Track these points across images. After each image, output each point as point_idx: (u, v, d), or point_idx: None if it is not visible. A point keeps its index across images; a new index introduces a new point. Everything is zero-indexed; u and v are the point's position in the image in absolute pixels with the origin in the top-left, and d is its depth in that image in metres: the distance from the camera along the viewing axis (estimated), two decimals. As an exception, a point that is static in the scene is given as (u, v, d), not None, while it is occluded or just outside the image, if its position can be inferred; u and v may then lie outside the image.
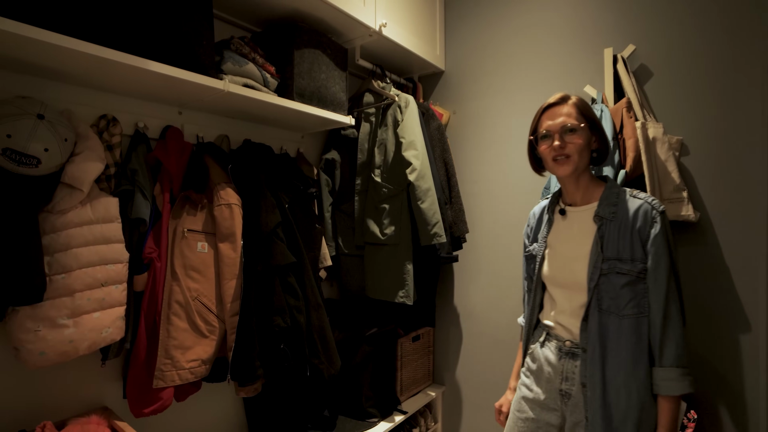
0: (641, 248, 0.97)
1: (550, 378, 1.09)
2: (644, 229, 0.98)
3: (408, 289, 1.58)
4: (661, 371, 0.95)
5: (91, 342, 1.00)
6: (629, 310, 0.97)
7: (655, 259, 0.96)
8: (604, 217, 1.02)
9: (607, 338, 0.99)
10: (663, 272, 0.96)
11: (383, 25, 1.60)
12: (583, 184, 1.08)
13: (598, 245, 1.00)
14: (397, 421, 1.70)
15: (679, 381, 0.94)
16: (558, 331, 1.09)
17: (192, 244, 1.23)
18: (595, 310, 1.00)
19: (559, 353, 1.07)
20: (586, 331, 1.01)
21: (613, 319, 0.98)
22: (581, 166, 1.04)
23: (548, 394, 1.09)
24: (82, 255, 1.00)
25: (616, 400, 0.97)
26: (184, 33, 1.10)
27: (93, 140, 1.05)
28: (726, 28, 1.34)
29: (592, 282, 1.00)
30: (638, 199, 1.01)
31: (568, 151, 1.01)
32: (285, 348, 1.28)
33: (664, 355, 0.95)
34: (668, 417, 0.95)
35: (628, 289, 0.97)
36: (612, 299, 0.98)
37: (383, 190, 1.62)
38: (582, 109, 1.03)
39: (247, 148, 1.46)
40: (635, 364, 0.96)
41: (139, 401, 1.12)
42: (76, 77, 1.06)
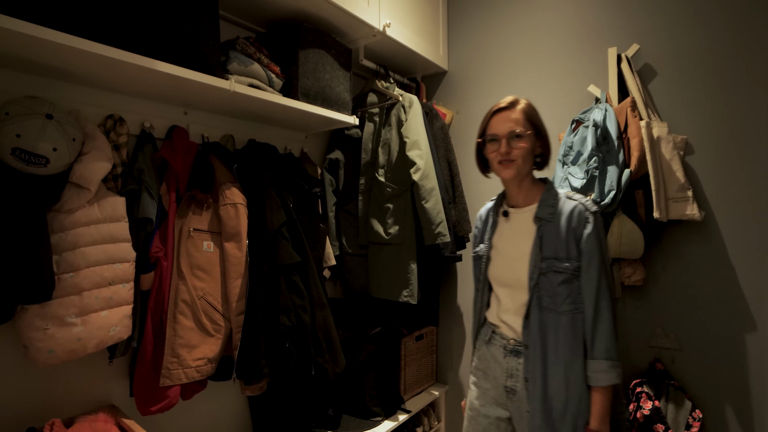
0: (576, 247, 1.03)
1: (496, 375, 1.14)
2: (578, 229, 1.03)
3: (412, 288, 1.59)
4: (592, 363, 1.01)
5: (99, 340, 1.01)
6: (566, 306, 1.02)
7: (587, 258, 1.02)
8: (543, 218, 1.07)
9: (547, 334, 1.04)
10: (594, 270, 1.01)
11: (387, 25, 1.61)
12: (525, 187, 1.12)
13: (538, 245, 1.06)
14: (401, 420, 1.71)
15: (607, 372, 0.99)
16: (503, 330, 1.14)
17: (198, 244, 1.24)
18: (535, 308, 1.05)
19: (504, 351, 1.12)
20: (527, 328, 1.06)
21: (552, 316, 1.03)
22: (524, 170, 1.08)
23: (496, 391, 1.14)
24: (90, 254, 1.01)
25: (556, 393, 1.02)
26: (190, 33, 1.10)
27: (100, 140, 1.05)
28: (731, 27, 1.34)
29: (532, 281, 1.05)
30: (573, 200, 1.07)
31: (513, 156, 1.06)
32: (290, 347, 1.28)
33: (595, 348, 1.01)
34: (599, 406, 1.00)
35: (565, 286, 1.02)
36: (550, 297, 1.03)
37: (387, 190, 1.63)
38: (529, 116, 1.07)
39: (252, 147, 1.47)
40: (573, 358, 1.02)
41: (146, 399, 1.13)
42: (84, 77, 1.07)
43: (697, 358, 1.40)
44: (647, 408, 1.35)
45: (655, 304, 1.48)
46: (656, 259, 1.47)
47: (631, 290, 1.52)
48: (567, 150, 1.52)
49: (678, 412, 1.36)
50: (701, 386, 1.39)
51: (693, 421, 1.33)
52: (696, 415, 1.33)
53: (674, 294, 1.44)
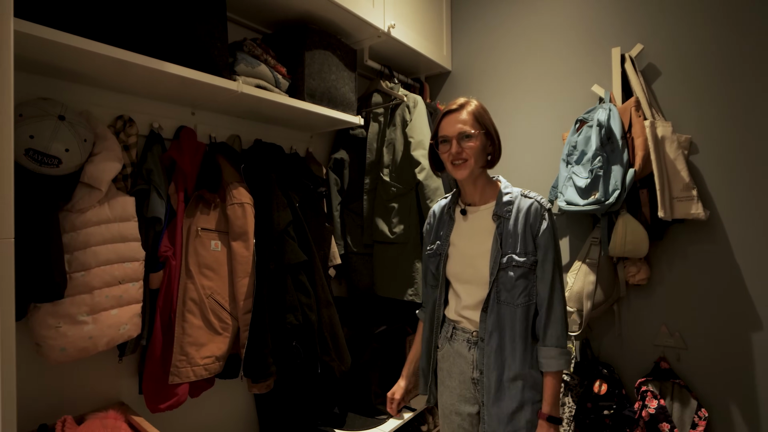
0: (533, 242, 1.08)
1: (462, 370, 1.16)
2: (534, 225, 1.08)
3: (417, 287, 1.59)
4: (544, 350, 1.06)
5: (109, 338, 1.02)
6: (521, 299, 1.07)
7: (543, 252, 1.07)
8: (502, 216, 1.11)
9: (504, 327, 1.08)
10: (549, 264, 1.07)
11: (392, 27, 1.62)
12: (480, 185, 1.16)
13: (498, 242, 1.09)
14: (406, 418, 1.71)
15: (558, 359, 1.05)
16: (464, 325, 1.17)
17: (206, 243, 1.25)
18: (494, 302, 1.09)
19: (468, 344, 1.15)
20: (485, 321, 1.10)
21: (509, 309, 1.08)
22: (477, 169, 1.12)
23: (463, 386, 1.16)
24: (100, 253, 1.02)
25: (513, 383, 1.07)
26: (199, 36, 1.12)
27: (111, 140, 1.07)
28: (734, 26, 1.35)
29: (492, 276, 1.09)
30: (529, 198, 1.11)
31: (464, 155, 1.09)
32: (297, 345, 1.29)
33: (547, 336, 1.06)
34: (551, 391, 1.06)
35: (522, 280, 1.07)
36: (508, 291, 1.08)
37: (392, 189, 1.64)
38: (477, 116, 1.10)
39: (258, 147, 1.48)
40: (526, 347, 1.07)
41: (155, 397, 1.14)
42: (95, 79, 1.09)
43: (702, 357, 1.40)
44: (652, 407, 1.36)
45: (659, 302, 1.48)
46: (661, 258, 1.47)
47: (635, 289, 1.53)
48: (571, 149, 1.53)
49: (683, 410, 1.36)
50: (707, 385, 1.39)
51: (699, 420, 1.33)
52: (702, 413, 1.33)
53: (679, 293, 1.44)
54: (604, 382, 1.49)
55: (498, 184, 1.17)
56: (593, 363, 1.57)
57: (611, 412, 1.45)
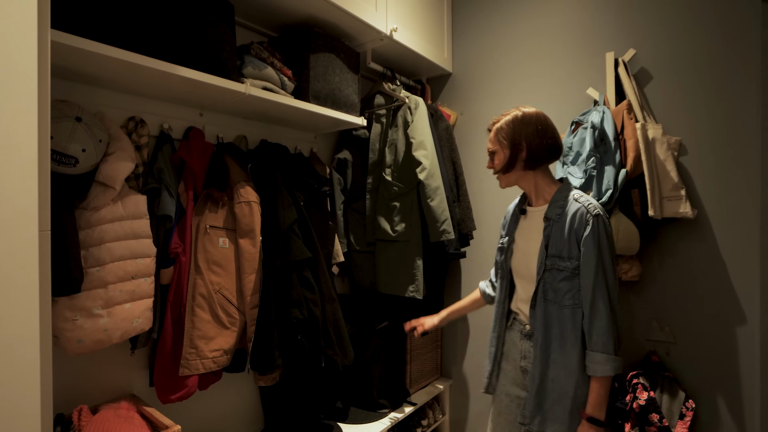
0: (577, 247, 1.10)
1: (514, 357, 1.27)
2: (579, 231, 1.10)
3: (418, 283, 1.64)
4: (590, 355, 1.10)
5: (123, 331, 1.06)
6: (567, 301, 1.12)
7: (585, 258, 1.09)
8: (551, 218, 1.16)
9: (551, 325, 1.15)
10: (591, 270, 1.08)
11: (394, 30, 1.66)
12: (537, 187, 1.22)
13: (544, 243, 1.16)
14: (407, 413, 1.76)
15: (603, 365, 1.07)
16: (520, 317, 1.26)
17: (214, 240, 1.29)
18: (541, 300, 1.16)
19: (521, 335, 1.25)
20: (533, 317, 1.18)
21: (555, 308, 1.14)
22: (513, 178, 1.22)
23: (515, 372, 1.27)
24: (114, 249, 1.06)
25: (556, 377, 1.14)
26: (209, 40, 1.16)
27: (124, 141, 1.11)
28: (723, 33, 1.40)
29: (537, 275, 1.16)
30: (578, 202, 1.13)
31: (494, 170, 1.24)
32: (302, 339, 1.33)
33: (593, 342, 1.09)
34: (595, 395, 1.10)
35: (566, 283, 1.11)
36: (554, 291, 1.13)
37: (394, 189, 1.68)
38: (499, 132, 1.20)
39: (264, 148, 1.52)
40: (572, 348, 1.11)
41: (166, 388, 1.18)
42: (108, 82, 1.12)
43: (690, 351, 1.46)
44: (643, 398, 1.41)
45: (651, 298, 1.54)
46: (652, 256, 1.53)
47: (628, 285, 1.58)
48: (566, 150, 1.58)
49: (672, 402, 1.42)
50: (694, 377, 1.45)
51: (686, 410, 1.39)
52: (689, 404, 1.39)
53: (669, 289, 1.50)
54: (598, 375, 1.54)
55: (558, 186, 1.20)
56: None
57: (604, 403, 1.51)
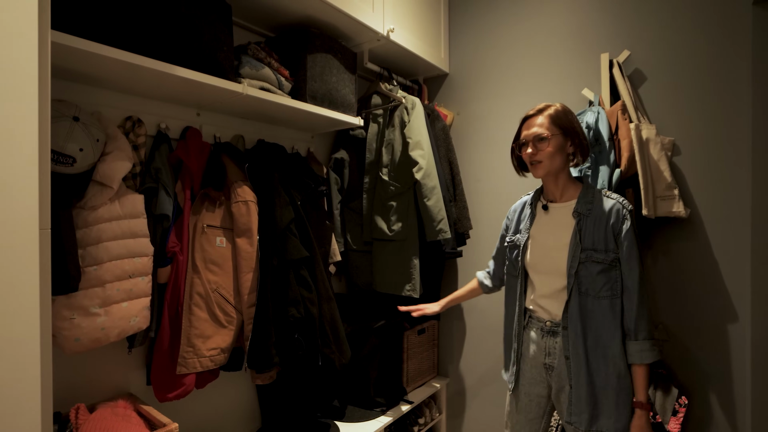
0: (614, 241, 1.14)
1: (535, 355, 1.26)
2: (617, 225, 1.15)
3: (414, 282, 1.65)
4: (636, 344, 1.12)
5: (120, 330, 1.06)
6: (605, 292, 1.14)
7: (628, 250, 1.13)
8: (582, 213, 1.18)
9: (587, 317, 1.15)
10: (635, 261, 1.13)
11: (391, 31, 1.67)
12: (562, 184, 1.24)
13: (577, 237, 1.16)
14: (404, 411, 1.77)
15: (651, 351, 1.12)
16: (539, 314, 1.25)
17: (211, 239, 1.30)
18: (575, 293, 1.16)
19: (541, 332, 1.24)
20: (567, 311, 1.17)
21: (591, 301, 1.15)
22: (554, 168, 1.19)
23: (534, 369, 1.26)
24: (112, 248, 1.06)
25: (597, 368, 1.14)
26: (206, 40, 1.16)
27: (121, 140, 1.11)
28: (717, 35, 1.42)
29: (572, 269, 1.16)
30: (611, 199, 1.18)
31: (539, 157, 1.18)
32: (299, 337, 1.34)
33: (639, 330, 1.12)
34: (645, 381, 1.13)
35: (603, 275, 1.14)
36: (589, 283, 1.15)
37: (390, 188, 1.69)
38: (555, 120, 1.18)
39: (262, 147, 1.53)
40: (611, 338, 1.13)
41: (163, 387, 1.19)
42: (106, 81, 1.13)
43: (683, 348, 1.48)
44: (637, 395, 1.43)
45: (645, 297, 1.56)
46: (646, 254, 1.54)
47: (622, 284, 1.60)
48: (562, 151, 1.59)
49: (665, 398, 1.44)
50: (687, 374, 1.47)
51: (679, 407, 1.41)
52: (682, 401, 1.41)
53: (663, 287, 1.52)
54: (593, 372, 1.56)
55: (580, 183, 1.24)
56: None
57: (599, 401, 1.52)
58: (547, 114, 1.19)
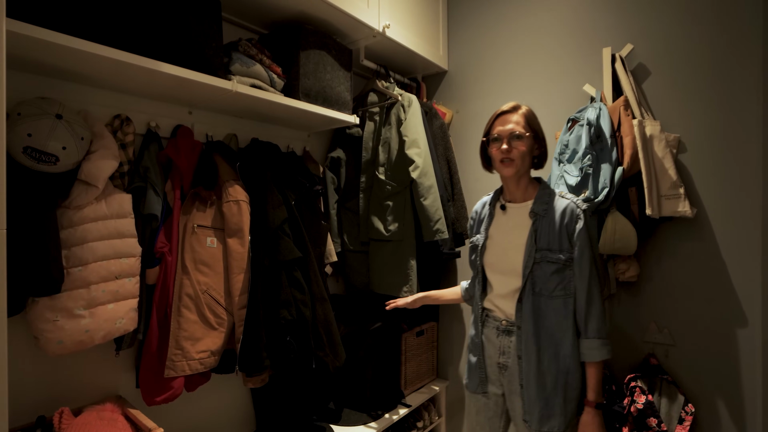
0: (568, 241, 1.15)
1: (490, 354, 1.26)
2: (571, 225, 1.15)
3: (411, 284, 1.62)
4: (586, 342, 1.13)
5: (106, 332, 1.04)
6: (558, 292, 1.14)
7: (580, 250, 1.14)
8: (538, 213, 1.18)
9: (540, 316, 1.15)
10: (587, 261, 1.13)
11: (387, 27, 1.64)
12: (523, 185, 1.23)
13: (533, 237, 1.16)
14: (401, 414, 1.74)
15: (600, 349, 1.12)
16: (495, 313, 1.26)
17: (202, 239, 1.27)
18: (529, 293, 1.16)
19: (497, 331, 1.24)
20: (521, 311, 1.17)
21: (544, 300, 1.15)
22: (523, 169, 1.19)
23: (490, 369, 1.26)
24: (97, 249, 1.04)
25: (548, 368, 1.14)
26: (194, 36, 1.14)
27: (108, 139, 1.09)
28: (723, 27, 1.37)
29: (527, 269, 1.16)
30: (566, 199, 1.18)
31: (512, 155, 1.16)
32: (291, 340, 1.31)
33: (589, 329, 1.13)
34: (595, 379, 1.14)
35: (557, 275, 1.14)
36: (543, 283, 1.15)
37: (387, 188, 1.66)
38: (529, 119, 1.18)
39: (255, 146, 1.50)
40: (563, 337, 1.14)
41: (151, 390, 1.16)
42: (93, 79, 1.11)
43: (689, 353, 1.42)
44: (641, 402, 1.38)
45: (649, 299, 1.50)
46: (650, 256, 1.49)
47: (625, 286, 1.55)
48: (563, 148, 1.55)
49: (671, 406, 1.39)
50: (694, 381, 1.41)
51: (686, 415, 1.35)
52: (689, 409, 1.35)
53: (668, 290, 1.46)
54: (595, 377, 1.51)
55: (538, 184, 1.24)
56: (584, 359, 1.59)
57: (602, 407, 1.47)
58: (522, 113, 1.18)
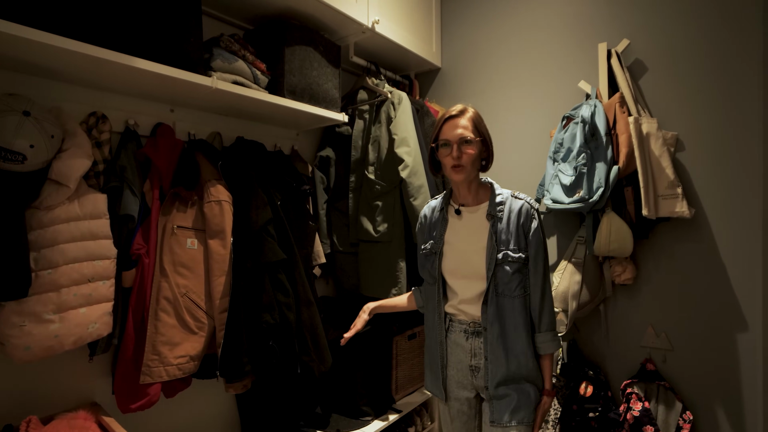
0: (524, 240, 1.17)
1: (460, 359, 1.24)
2: (526, 224, 1.17)
3: (401, 286, 1.57)
4: (540, 336, 1.18)
5: (77, 337, 1.00)
6: (518, 291, 1.16)
7: (535, 248, 1.16)
8: (495, 215, 1.19)
9: (504, 317, 1.17)
10: (541, 259, 1.17)
11: (376, 22, 1.59)
12: (474, 188, 1.24)
13: (493, 239, 1.17)
14: (391, 420, 1.69)
15: (553, 341, 1.18)
16: (461, 317, 1.24)
17: (181, 241, 1.23)
18: (492, 294, 1.17)
19: (465, 334, 1.22)
20: (486, 313, 1.17)
21: (507, 301, 1.16)
22: (473, 173, 1.19)
23: (460, 373, 1.24)
24: (69, 251, 1.00)
25: (517, 366, 1.16)
26: (171, 30, 1.10)
27: (81, 137, 1.05)
28: (722, 22, 1.32)
29: (489, 271, 1.16)
30: (520, 199, 1.20)
31: (462, 161, 1.15)
32: (273, 345, 1.27)
33: (543, 323, 1.17)
34: (549, 370, 1.19)
35: (517, 274, 1.16)
36: (505, 284, 1.16)
37: (376, 187, 1.62)
38: (476, 123, 1.18)
39: (240, 145, 1.46)
40: (525, 334, 1.17)
41: (126, 397, 1.12)
42: (66, 75, 1.07)
43: (688, 359, 1.37)
44: (637, 409, 1.33)
45: (646, 303, 1.46)
46: (647, 258, 1.44)
47: (622, 289, 1.50)
48: (557, 147, 1.50)
49: (668, 413, 1.34)
50: (692, 387, 1.36)
51: (683, 423, 1.30)
52: (686, 416, 1.30)
53: (665, 293, 1.42)
54: (590, 383, 1.46)
55: (489, 187, 1.25)
56: (579, 364, 1.54)
57: (597, 414, 1.43)
58: (469, 117, 1.18)
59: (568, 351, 1.59)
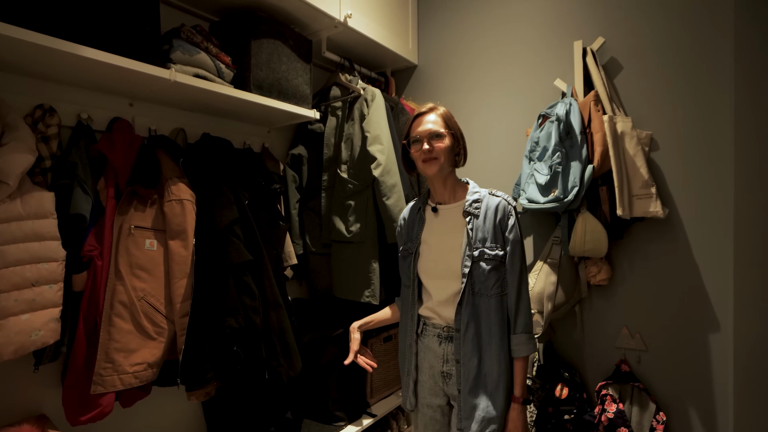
0: (502, 237, 1.14)
1: (432, 364, 1.20)
2: (504, 221, 1.15)
3: (374, 288, 1.53)
4: (515, 337, 1.13)
5: (17, 346, 0.93)
6: (495, 290, 1.13)
7: (512, 246, 1.14)
8: (471, 213, 1.16)
9: (480, 317, 1.13)
10: (518, 257, 1.14)
11: (348, 16, 1.55)
12: (450, 185, 1.22)
13: (469, 237, 1.14)
14: (365, 425, 1.65)
15: (528, 344, 1.13)
16: (435, 320, 1.20)
17: (139, 242, 1.17)
18: (469, 294, 1.13)
19: (439, 339, 1.18)
20: (460, 313, 1.14)
21: (484, 300, 1.13)
22: (447, 167, 1.17)
23: (432, 379, 1.20)
24: (9, 253, 0.94)
25: (490, 370, 1.12)
26: (124, 19, 1.04)
27: (23, 131, 0.98)
28: (696, 23, 1.31)
29: (465, 269, 1.13)
30: (497, 196, 1.18)
31: (435, 154, 1.14)
32: (238, 350, 1.22)
33: (518, 324, 1.13)
34: (521, 376, 1.14)
35: (494, 272, 1.12)
36: (482, 283, 1.12)
37: (348, 186, 1.57)
38: (446, 119, 1.18)
39: (205, 142, 1.40)
40: (502, 336, 1.13)
41: (76, 408, 1.06)
42: (8, 64, 1.00)
43: (661, 359, 1.36)
44: (611, 411, 1.31)
45: (621, 303, 1.44)
46: (622, 258, 1.43)
47: (597, 289, 1.49)
48: (533, 146, 1.48)
49: (642, 415, 1.33)
50: (666, 388, 1.35)
51: (657, 424, 1.29)
52: (660, 417, 1.29)
53: (640, 293, 1.41)
54: (566, 385, 1.44)
55: (467, 185, 1.23)
56: (555, 366, 1.52)
57: (572, 416, 1.41)
58: (439, 113, 1.18)
59: (544, 352, 1.57)
